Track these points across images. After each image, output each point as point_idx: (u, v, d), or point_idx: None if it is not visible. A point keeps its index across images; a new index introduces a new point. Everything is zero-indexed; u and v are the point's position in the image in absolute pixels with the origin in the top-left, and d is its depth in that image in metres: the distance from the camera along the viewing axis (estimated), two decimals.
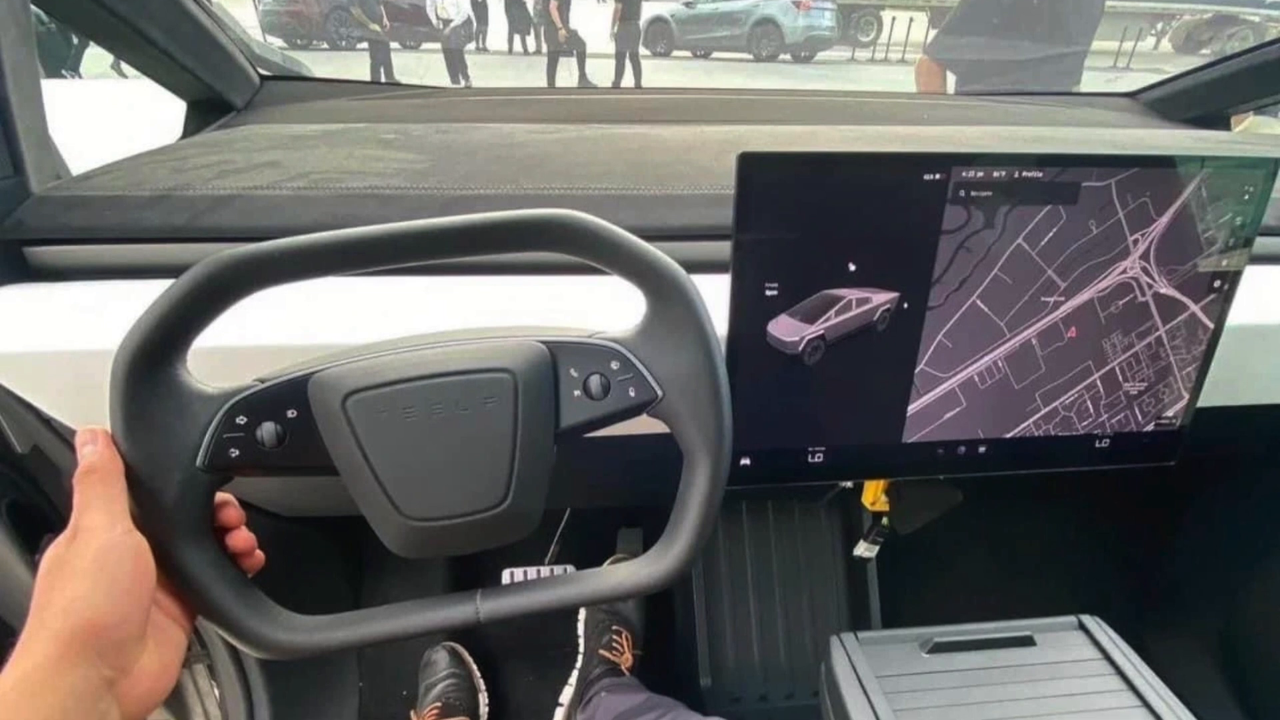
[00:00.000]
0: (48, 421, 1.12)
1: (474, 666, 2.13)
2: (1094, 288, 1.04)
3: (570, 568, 2.31)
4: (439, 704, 1.96)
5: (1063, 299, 1.04)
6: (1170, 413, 1.15)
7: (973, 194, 0.97)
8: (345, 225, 0.74)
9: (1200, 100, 2.08)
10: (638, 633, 2.13)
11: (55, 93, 1.20)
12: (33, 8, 1.17)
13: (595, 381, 0.82)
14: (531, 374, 0.79)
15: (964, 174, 0.96)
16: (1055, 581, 2.41)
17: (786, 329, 1.00)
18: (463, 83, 12.27)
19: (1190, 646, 2.17)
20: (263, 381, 0.77)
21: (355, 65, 12.25)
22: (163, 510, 0.73)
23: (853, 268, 0.99)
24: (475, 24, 15.79)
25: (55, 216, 1.06)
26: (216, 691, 1.72)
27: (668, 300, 0.82)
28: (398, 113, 1.91)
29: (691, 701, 1.68)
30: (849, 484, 1.52)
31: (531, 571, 2.31)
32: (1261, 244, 1.09)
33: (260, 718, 1.72)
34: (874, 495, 1.46)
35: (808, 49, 18.37)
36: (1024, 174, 0.97)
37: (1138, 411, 1.14)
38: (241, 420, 0.75)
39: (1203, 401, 1.15)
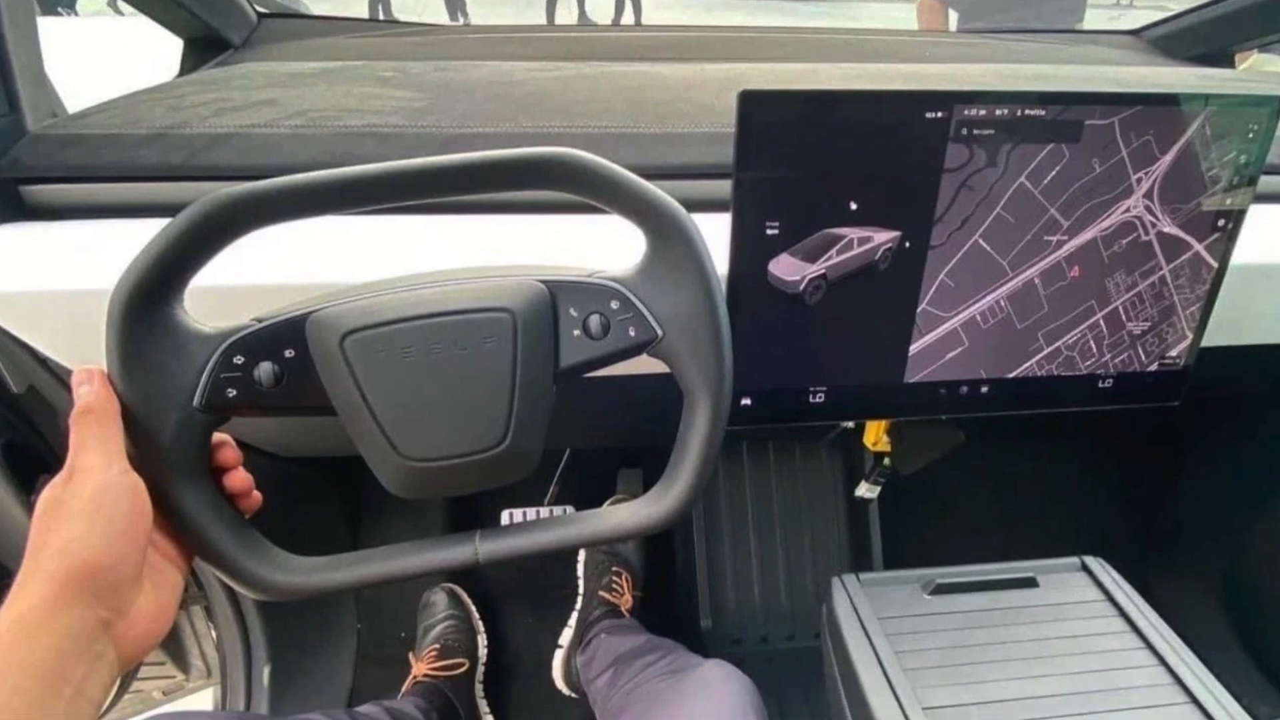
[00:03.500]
0: (44, 361, 1.13)
1: (473, 608, 2.13)
2: (1097, 227, 1.04)
3: (570, 508, 2.32)
4: (437, 645, 1.96)
5: (1065, 238, 1.04)
6: (1174, 352, 1.14)
7: (975, 132, 0.96)
8: (343, 163, 0.73)
9: (1204, 38, 2.06)
10: (638, 574, 2.14)
11: (51, 30, 1.19)
12: None
13: (595, 321, 0.82)
14: (531, 313, 0.79)
15: (966, 112, 0.95)
16: (1058, 522, 2.42)
17: (787, 268, 1.00)
18: (461, 20, 12.17)
19: (1194, 588, 2.18)
20: (260, 321, 0.76)
21: (353, 2, 12.17)
22: (159, 450, 0.73)
23: (854, 206, 0.98)
24: None
25: (51, 155, 1.06)
26: (213, 633, 1.73)
27: (668, 239, 0.81)
28: (396, 50, 1.89)
29: (692, 643, 1.69)
30: (850, 424, 1.52)
31: (531, 512, 2.32)
32: (1266, 182, 1.08)
33: (257, 659, 1.73)
34: (876, 436, 1.46)
35: None
36: (1027, 112, 0.96)
37: (1141, 351, 1.13)
38: (239, 360, 0.75)
39: (1206, 341, 1.14)
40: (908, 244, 1.01)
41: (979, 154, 0.97)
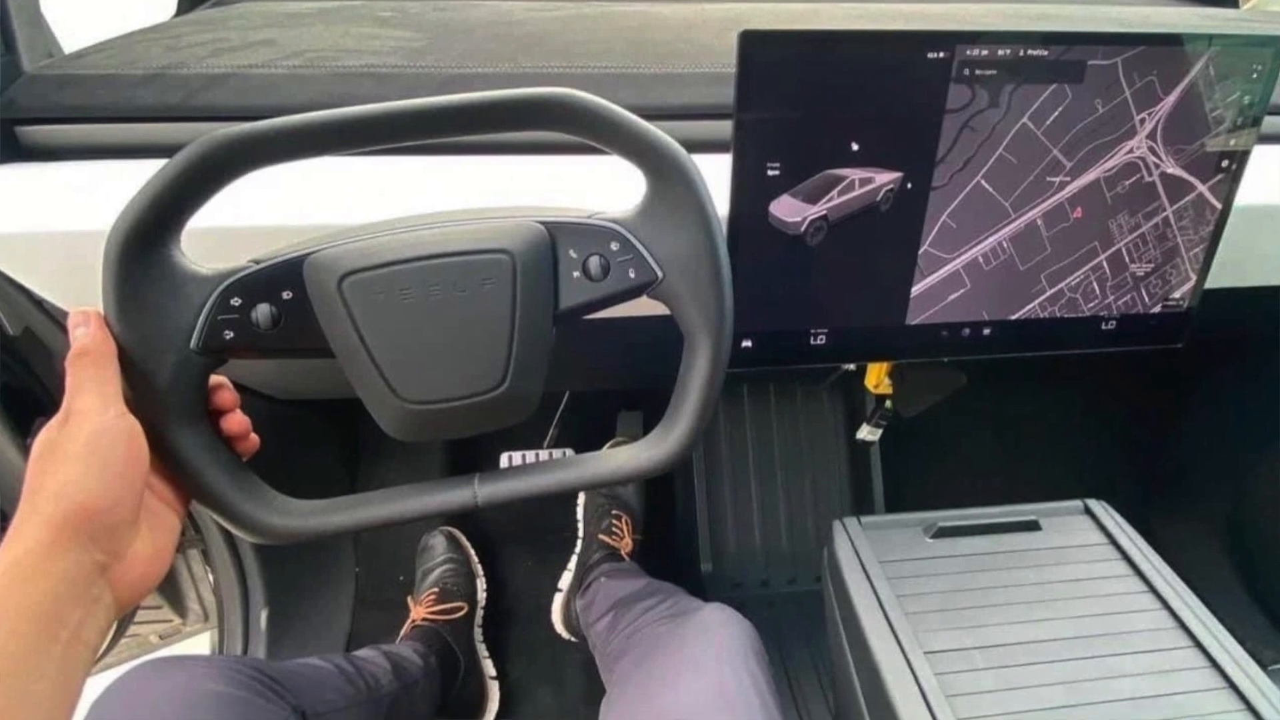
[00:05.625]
0: (40, 303, 1.12)
1: (472, 551, 2.14)
2: (1100, 167, 1.03)
3: (569, 451, 2.31)
4: (436, 589, 1.97)
5: (1068, 179, 1.03)
6: (1177, 294, 1.14)
7: (977, 72, 0.95)
8: (341, 104, 0.73)
9: None
10: (638, 517, 2.13)
11: None
12: None
13: (595, 262, 0.81)
14: (530, 255, 0.79)
15: (969, 52, 0.94)
16: (1061, 465, 2.42)
17: (789, 209, 0.99)
18: None
19: (1197, 531, 2.19)
20: (258, 263, 0.76)
21: None
22: (156, 393, 0.73)
23: (855, 147, 0.97)
24: None
25: (47, 95, 1.05)
26: (211, 577, 1.74)
27: (668, 180, 0.80)
28: None
29: (692, 587, 1.69)
30: (852, 366, 1.52)
31: (530, 455, 2.30)
32: (1270, 123, 1.07)
33: (255, 603, 1.74)
34: (877, 378, 1.46)
35: None
36: (1029, 52, 0.95)
37: (1144, 293, 1.13)
38: (236, 302, 0.74)
39: (1210, 283, 1.14)
40: (909, 185, 1.01)
41: (981, 94, 0.97)
